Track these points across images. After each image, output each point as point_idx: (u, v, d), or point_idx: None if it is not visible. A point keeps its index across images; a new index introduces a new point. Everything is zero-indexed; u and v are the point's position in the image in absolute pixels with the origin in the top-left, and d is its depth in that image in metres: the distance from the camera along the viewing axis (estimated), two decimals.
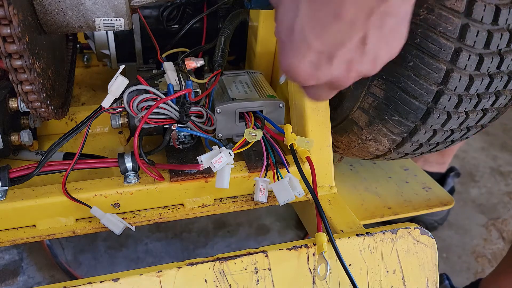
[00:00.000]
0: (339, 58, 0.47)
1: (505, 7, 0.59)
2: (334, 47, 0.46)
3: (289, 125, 0.67)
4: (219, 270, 0.53)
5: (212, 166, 0.62)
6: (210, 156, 0.62)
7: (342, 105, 0.80)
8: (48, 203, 0.63)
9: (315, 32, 0.45)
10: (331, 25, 0.45)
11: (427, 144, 0.74)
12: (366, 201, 1.07)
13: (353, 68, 0.48)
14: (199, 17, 0.91)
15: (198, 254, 1.33)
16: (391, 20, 0.45)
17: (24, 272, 1.24)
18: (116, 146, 0.86)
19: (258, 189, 0.66)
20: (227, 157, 0.62)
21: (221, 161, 0.62)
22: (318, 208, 0.56)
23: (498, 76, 0.65)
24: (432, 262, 0.61)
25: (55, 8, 0.60)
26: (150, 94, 0.64)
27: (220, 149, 0.63)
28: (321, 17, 0.45)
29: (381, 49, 0.47)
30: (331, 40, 0.46)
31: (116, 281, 0.50)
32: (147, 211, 0.68)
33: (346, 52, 0.46)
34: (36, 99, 0.61)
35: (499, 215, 1.56)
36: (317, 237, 0.55)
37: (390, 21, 0.45)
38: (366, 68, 0.49)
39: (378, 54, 0.48)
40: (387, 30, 0.46)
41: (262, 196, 0.66)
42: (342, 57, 0.47)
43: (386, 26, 0.45)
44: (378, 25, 0.45)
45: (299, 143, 0.67)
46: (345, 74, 0.49)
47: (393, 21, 0.45)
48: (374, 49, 0.47)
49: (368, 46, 0.46)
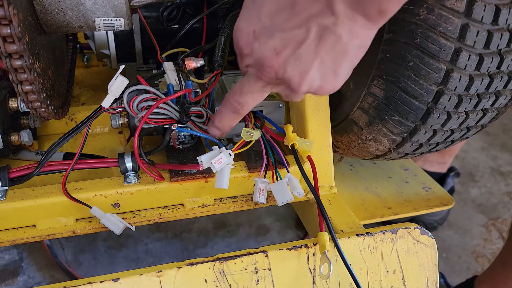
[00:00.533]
0: (275, 41, 0.50)
1: (505, 7, 0.59)
2: (277, 28, 0.49)
3: (289, 125, 0.67)
4: (219, 270, 0.53)
5: (212, 166, 0.62)
6: (210, 157, 0.62)
7: (342, 105, 0.80)
8: (48, 203, 0.63)
9: (269, 8, 0.49)
10: (283, 10, 0.48)
11: (427, 144, 0.74)
12: (366, 201, 1.07)
13: (281, 57, 0.50)
14: (199, 17, 0.91)
15: (198, 254, 1.33)
16: (332, 37, 0.47)
17: (24, 272, 1.24)
18: (116, 146, 0.86)
19: (257, 189, 0.66)
20: (227, 157, 0.62)
21: (221, 161, 0.62)
22: (320, 208, 0.56)
23: (498, 76, 0.65)
24: (432, 262, 0.61)
25: (55, 8, 0.60)
26: (150, 94, 0.64)
27: (220, 150, 0.63)
28: (279, 2, 0.48)
29: (313, 66, 0.50)
30: (278, 22, 0.49)
31: (116, 281, 0.50)
32: (147, 211, 0.68)
33: (284, 41, 0.49)
34: (36, 99, 0.61)
35: (499, 215, 1.56)
36: (320, 236, 0.54)
37: (331, 38, 0.47)
38: (291, 74, 0.51)
39: (308, 69, 0.50)
40: (327, 50, 0.48)
41: (261, 197, 0.66)
42: (278, 42, 0.50)
43: (327, 43, 0.48)
44: (318, 35, 0.48)
45: (299, 144, 0.67)
46: (274, 61, 0.51)
47: (335, 41, 0.48)
48: (307, 61, 0.50)
49: (303, 55, 0.49)
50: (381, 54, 0.67)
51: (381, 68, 0.68)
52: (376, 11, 0.44)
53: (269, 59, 0.51)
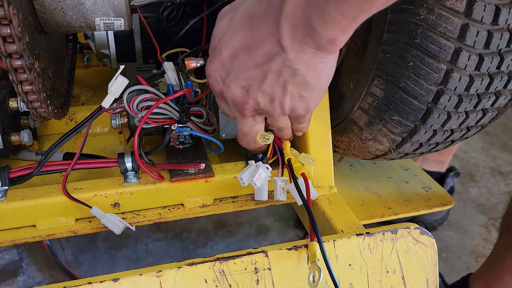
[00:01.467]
0: (241, 81, 0.55)
1: (505, 7, 0.59)
2: (239, 70, 0.54)
3: (288, 142, 0.67)
4: (219, 270, 0.53)
5: (253, 184, 0.63)
6: (250, 173, 0.63)
7: (342, 105, 0.80)
8: (48, 203, 0.63)
9: (228, 54, 0.54)
10: (241, 53, 0.53)
11: (427, 144, 0.74)
12: (366, 201, 1.07)
13: (251, 93, 0.55)
14: (199, 17, 0.91)
15: (198, 254, 1.33)
16: (289, 71, 0.51)
17: (24, 272, 1.24)
18: (116, 146, 0.86)
19: (278, 188, 0.65)
20: (265, 171, 0.64)
21: (261, 177, 0.63)
22: (311, 219, 0.56)
23: (498, 76, 0.65)
24: (432, 262, 0.61)
25: (55, 8, 0.60)
26: (150, 94, 0.64)
27: (257, 164, 0.64)
28: (235, 47, 0.53)
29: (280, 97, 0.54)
30: (238, 65, 0.53)
31: (116, 281, 0.50)
32: (147, 211, 0.68)
33: (248, 80, 0.54)
34: (36, 99, 0.61)
35: (499, 215, 1.56)
36: (310, 246, 0.55)
37: (288, 73, 0.51)
38: (264, 105, 0.56)
39: (276, 99, 0.55)
40: (288, 83, 0.52)
41: (282, 195, 0.65)
42: (244, 82, 0.54)
43: (285, 77, 0.51)
44: (276, 71, 0.51)
45: (302, 160, 0.67)
46: (246, 99, 0.56)
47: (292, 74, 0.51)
48: (273, 93, 0.54)
49: (267, 90, 0.54)
50: (381, 54, 0.67)
51: (381, 68, 0.68)
52: (325, 41, 0.46)
53: (241, 97, 0.56)
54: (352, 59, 0.76)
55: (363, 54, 0.72)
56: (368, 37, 0.71)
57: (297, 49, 0.47)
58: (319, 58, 0.49)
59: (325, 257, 0.53)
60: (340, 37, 0.45)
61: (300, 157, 0.67)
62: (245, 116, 0.59)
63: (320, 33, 0.44)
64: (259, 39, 0.50)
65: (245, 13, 0.52)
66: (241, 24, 0.52)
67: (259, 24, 0.50)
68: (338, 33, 0.44)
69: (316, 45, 0.46)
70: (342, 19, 0.42)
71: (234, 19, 0.54)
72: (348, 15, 0.42)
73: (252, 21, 0.51)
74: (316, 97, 0.55)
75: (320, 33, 0.44)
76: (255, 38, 0.51)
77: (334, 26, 0.43)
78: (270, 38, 0.49)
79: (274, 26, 0.47)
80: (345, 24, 0.43)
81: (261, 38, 0.50)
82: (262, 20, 0.49)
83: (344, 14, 0.42)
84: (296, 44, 0.47)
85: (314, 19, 0.43)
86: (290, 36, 0.47)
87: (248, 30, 0.51)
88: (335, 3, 0.41)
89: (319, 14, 0.43)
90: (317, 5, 0.42)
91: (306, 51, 0.47)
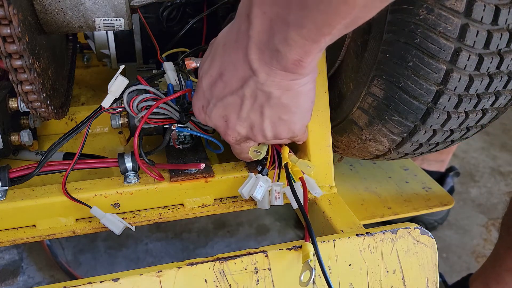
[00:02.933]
0: (219, 110, 0.56)
1: (505, 7, 0.59)
2: (217, 98, 0.56)
3: (286, 147, 0.67)
4: (219, 270, 0.53)
5: (254, 197, 0.64)
6: (250, 187, 0.64)
7: (342, 105, 0.80)
8: (48, 203, 0.63)
9: (206, 83, 0.56)
10: (216, 81, 0.54)
11: (427, 144, 0.74)
12: (366, 201, 1.07)
13: (230, 123, 0.57)
14: (199, 17, 0.91)
15: (198, 254, 1.33)
16: (263, 95, 0.52)
17: (24, 272, 1.24)
18: (116, 146, 0.86)
19: (273, 193, 0.66)
20: (265, 182, 0.64)
21: (262, 190, 0.64)
22: (306, 222, 0.57)
23: (498, 76, 0.65)
24: (432, 262, 0.61)
25: (55, 8, 0.60)
26: (150, 94, 0.64)
27: (257, 176, 0.65)
28: (213, 75, 0.55)
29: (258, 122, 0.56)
30: (216, 93, 0.55)
31: (116, 281, 0.50)
32: (147, 211, 0.68)
33: (225, 108, 0.55)
34: (36, 99, 0.61)
35: (499, 215, 1.55)
36: (304, 246, 0.55)
37: (262, 96, 0.52)
38: (244, 133, 0.58)
39: (255, 125, 0.56)
40: (264, 107, 0.53)
41: (278, 200, 0.66)
42: (222, 110, 0.56)
43: (261, 101, 0.52)
44: (251, 96, 0.52)
45: (299, 166, 0.66)
46: (226, 128, 0.58)
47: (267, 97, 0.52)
48: (252, 119, 0.55)
49: (244, 117, 0.55)
50: (381, 54, 0.67)
51: (381, 68, 0.68)
52: (291, 63, 0.46)
53: (222, 127, 0.58)
54: (352, 59, 0.76)
55: (363, 54, 0.72)
56: (368, 37, 0.71)
57: (267, 72, 0.48)
58: (290, 80, 0.50)
59: (319, 258, 0.53)
60: (306, 58, 0.46)
61: (298, 163, 0.66)
62: (232, 142, 0.61)
63: (286, 56, 0.45)
64: (232, 65, 0.51)
65: (220, 40, 0.54)
66: (217, 51, 0.54)
67: (231, 49, 0.51)
68: (302, 54, 0.45)
69: (283, 67, 0.47)
70: (304, 42, 0.43)
71: (212, 48, 0.56)
72: (309, 38, 0.43)
73: (225, 47, 0.52)
74: (298, 118, 0.56)
75: (286, 56, 0.45)
76: (228, 63, 0.52)
77: (298, 49, 0.44)
78: (242, 62, 0.50)
79: (244, 50, 0.49)
80: (308, 47, 0.44)
81: (234, 63, 0.51)
82: (233, 45, 0.51)
83: (305, 37, 0.43)
84: (266, 67, 0.48)
85: (278, 42, 0.44)
86: (258, 59, 0.48)
87: (222, 56, 0.53)
88: (295, 28, 0.42)
89: (282, 38, 0.44)
90: (280, 29, 0.43)
91: (276, 73, 0.48)
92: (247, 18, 0.46)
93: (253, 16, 0.45)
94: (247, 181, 0.66)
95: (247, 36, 0.47)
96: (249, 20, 0.46)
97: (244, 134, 0.58)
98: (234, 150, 0.65)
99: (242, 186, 0.65)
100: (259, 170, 0.69)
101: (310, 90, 0.53)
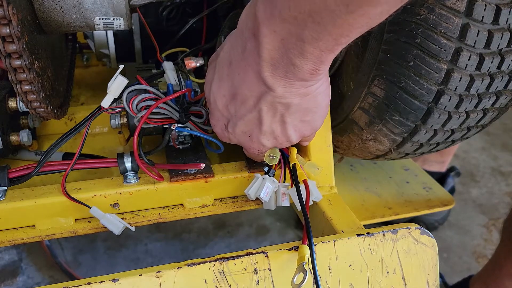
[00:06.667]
0: (241, 127, 0.57)
1: (506, 7, 0.59)
2: (237, 117, 0.56)
3: (294, 148, 0.67)
4: (219, 271, 0.53)
5: (260, 198, 0.64)
6: (256, 188, 0.64)
7: (342, 105, 0.80)
8: (48, 203, 0.63)
9: (222, 104, 0.57)
10: (232, 101, 0.55)
11: (428, 144, 0.74)
12: (367, 201, 1.07)
13: (254, 138, 0.58)
14: (198, 16, 0.91)
15: (198, 255, 1.33)
16: (282, 107, 0.52)
17: (23, 273, 1.24)
18: (115, 146, 0.86)
19: (280, 194, 0.65)
20: (272, 184, 0.64)
21: (268, 191, 0.64)
22: (306, 224, 0.56)
23: (499, 76, 0.65)
24: (432, 263, 0.60)
25: (55, 8, 0.60)
26: (150, 94, 0.64)
27: (263, 177, 0.65)
28: (226, 95, 0.55)
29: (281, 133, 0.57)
30: (233, 112, 0.56)
31: (115, 282, 0.50)
32: (146, 211, 0.68)
33: (247, 125, 0.56)
34: (36, 99, 0.61)
35: (499, 215, 1.55)
36: (300, 248, 0.55)
37: (281, 108, 0.53)
38: (269, 145, 0.59)
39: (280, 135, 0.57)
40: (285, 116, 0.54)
41: (285, 201, 0.65)
42: (244, 127, 0.57)
43: (281, 112, 0.53)
44: (270, 110, 0.53)
45: (308, 168, 0.66)
46: (251, 144, 0.59)
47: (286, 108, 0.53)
48: (275, 132, 0.56)
49: (268, 131, 0.56)
50: (382, 54, 0.67)
51: (382, 68, 0.68)
52: (307, 73, 0.47)
53: (246, 142, 0.60)
54: (353, 59, 0.76)
55: (364, 54, 0.72)
56: (368, 37, 0.70)
57: (283, 85, 0.49)
58: (308, 86, 0.50)
59: (313, 263, 0.52)
60: (322, 66, 0.46)
61: (306, 165, 0.67)
62: (256, 156, 0.63)
63: (302, 68, 0.46)
64: (244, 84, 0.52)
65: (224, 59, 0.54)
66: (223, 70, 0.54)
67: (239, 69, 0.51)
68: (319, 64, 0.45)
69: (299, 78, 0.48)
70: (320, 53, 0.44)
71: (217, 68, 0.56)
72: (326, 49, 0.43)
73: (232, 66, 0.53)
74: (319, 115, 0.57)
75: (302, 68, 0.46)
76: (240, 83, 0.52)
77: (314, 59, 0.45)
78: (255, 80, 0.50)
79: (255, 68, 0.49)
80: (324, 56, 0.44)
81: (245, 82, 0.51)
82: (240, 64, 0.51)
83: (322, 49, 0.43)
84: (282, 81, 0.48)
85: (293, 57, 0.45)
86: (272, 76, 0.48)
87: (230, 76, 0.53)
88: (311, 41, 0.42)
89: (298, 52, 0.44)
90: (294, 45, 0.44)
91: (293, 84, 0.49)
92: (253, 37, 0.47)
93: (261, 35, 0.45)
94: (253, 182, 0.65)
95: (257, 55, 0.47)
96: (257, 39, 0.46)
97: (269, 146, 0.59)
98: (249, 154, 0.65)
99: (248, 187, 0.65)
100: (266, 171, 0.68)
101: (326, 88, 0.54)
